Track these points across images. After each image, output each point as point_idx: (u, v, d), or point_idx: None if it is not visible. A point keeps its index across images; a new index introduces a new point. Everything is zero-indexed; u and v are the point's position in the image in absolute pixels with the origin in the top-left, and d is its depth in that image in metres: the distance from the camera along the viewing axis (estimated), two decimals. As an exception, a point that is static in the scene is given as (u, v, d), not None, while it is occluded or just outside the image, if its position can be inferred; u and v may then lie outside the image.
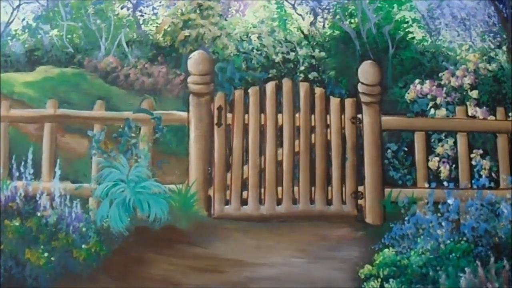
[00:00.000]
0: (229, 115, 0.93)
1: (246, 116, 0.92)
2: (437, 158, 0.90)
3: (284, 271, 0.85)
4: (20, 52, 0.89)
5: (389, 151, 0.89)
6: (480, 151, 0.90)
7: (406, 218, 0.85)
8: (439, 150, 0.90)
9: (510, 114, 0.90)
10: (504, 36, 0.94)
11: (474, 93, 0.93)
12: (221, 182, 0.90)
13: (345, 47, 0.90)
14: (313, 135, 0.93)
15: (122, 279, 0.84)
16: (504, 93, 0.93)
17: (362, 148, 0.91)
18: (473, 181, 0.88)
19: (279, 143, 0.93)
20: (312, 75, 0.92)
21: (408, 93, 0.90)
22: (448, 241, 0.86)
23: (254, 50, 0.92)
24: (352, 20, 0.92)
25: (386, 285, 0.83)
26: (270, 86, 0.93)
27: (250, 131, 0.92)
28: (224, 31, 0.92)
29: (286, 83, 0.93)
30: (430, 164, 0.88)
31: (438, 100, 0.92)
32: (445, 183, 0.88)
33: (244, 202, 0.90)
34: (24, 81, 0.89)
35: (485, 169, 0.89)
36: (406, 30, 0.91)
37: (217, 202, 0.89)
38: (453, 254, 0.86)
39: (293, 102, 0.93)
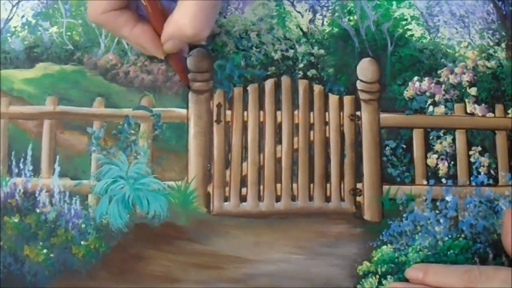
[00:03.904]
0: (228, 112, 0.93)
1: (245, 113, 0.91)
2: (435, 155, 0.89)
3: (283, 268, 0.85)
4: (20, 49, 0.89)
5: (387, 148, 0.89)
6: (479, 148, 0.90)
7: (404, 215, 0.85)
8: (437, 147, 0.90)
9: (509, 111, 0.90)
10: (503, 33, 0.94)
11: (473, 90, 0.92)
12: (220, 179, 0.90)
13: (344, 44, 0.90)
14: (312, 132, 0.93)
15: (121, 275, 0.84)
16: (503, 90, 0.93)
17: (361, 145, 0.90)
18: (471, 178, 0.88)
19: (278, 140, 0.93)
20: (311, 72, 0.92)
21: (407, 91, 0.89)
22: (446, 238, 0.86)
23: (253, 48, 0.92)
24: (351, 18, 0.91)
25: (384, 281, 0.83)
26: (269, 84, 0.93)
27: (249, 128, 0.92)
28: (223, 28, 0.93)
29: (285, 80, 0.93)
30: (429, 161, 0.88)
31: (437, 98, 0.92)
32: (444, 180, 0.87)
33: (243, 199, 0.89)
34: (23, 78, 0.88)
35: (483, 166, 0.89)
36: (405, 27, 0.91)
37: (216, 199, 0.89)
38: (451, 251, 0.86)
39: (292, 99, 0.93)
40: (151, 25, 0.76)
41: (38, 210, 0.85)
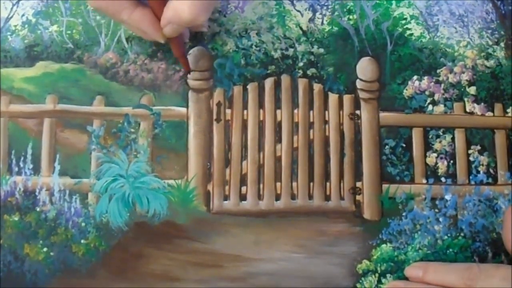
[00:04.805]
0: (228, 111, 0.93)
1: (245, 112, 0.91)
2: (435, 154, 0.89)
3: (283, 266, 0.85)
4: (20, 48, 0.89)
5: (387, 147, 0.88)
6: (478, 147, 0.90)
7: (404, 214, 0.85)
8: (437, 146, 0.90)
9: (508, 110, 0.90)
10: (502, 32, 0.94)
11: (472, 89, 0.92)
12: (220, 178, 0.90)
13: (344, 43, 0.89)
14: (311, 131, 0.92)
15: (121, 274, 0.84)
16: (502, 89, 0.93)
17: (360, 144, 0.90)
18: (471, 177, 0.88)
19: (278, 139, 0.93)
20: (311, 71, 0.91)
21: (406, 90, 0.89)
22: (446, 237, 0.86)
23: (253, 47, 0.92)
24: (351, 17, 0.91)
25: (383, 280, 0.83)
26: (269, 82, 0.92)
27: (249, 126, 0.92)
28: (223, 27, 0.93)
29: (285, 79, 0.92)
30: (428, 160, 0.88)
31: (436, 97, 0.92)
32: (443, 179, 0.87)
33: (243, 197, 0.89)
34: (23, 77, 0.88)
35: (483, 165, 0.89)
36: (405, 26, 0.90)
37: (216, 198, 0.89)
38: (451, 250, 0.86)
39: (292, 98, 0.92)
40: (150, 9, 0.75)
41: (38, 209, 0.85)
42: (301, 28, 0.95)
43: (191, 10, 0.71)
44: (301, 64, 0.94)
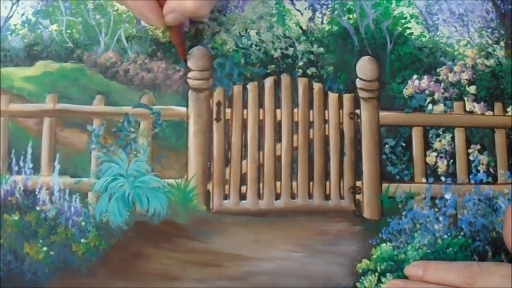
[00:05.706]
0: (228, 111, 0.93)
1: (245, 111, 0.91)
2: (434, 153, 0.89)
3: (283, 265, 0.85)
4: (20, 47, 0.89)
5: (387, 146, 0.88)
6: (478, 146, 0.90)
7: (404, 213, 0.85)
8: (436, 145, 0.90)
9: (508, 109, 0.90)
10: (502, 31, 0.94)
11: (472, 89, 0.92)
12: (220, 177, 0.90)
13: (344, 42, 0.89)
14: (311, 130, 0.92)
15: (121, 273, 0.83)
16: (502, 88, 0.92)
17: (360, 143, 0.90)
18: (470, 176, 0.88)
19: (277, 138, 0.93)
20: (311, 70, 0.91)
21: (406, 89, 0.89)
22: (445, 236, 0.86)
23: (253, 46, 0.92)
24: (351, 16, 0.91)
25: (383, 279, 0.83)
26: (268, 82, 0.92)
27: (249, 126, 0.92)
28: (223, 26, 0.92)
29: (285, 78, 0.92)
30: (428, 159, 0.88)
31: (436, 96, 0.91)
32: (443, 178, 0.87)
33: (242, 196, 0.89)
34: (23, 76, 0.88)
35: (482, 164, 0.89)
36: (404, 25, 0.90)
37: (216, 197, 0.88)
38: (450, 249, 0.86)
39: (291, 97, 0.92)
40: None
41: (38, 208, 0.85)
42: (301, 27, 0.95)
43: (195, 1, 0.72)
44: (301, 63, 0.93)
